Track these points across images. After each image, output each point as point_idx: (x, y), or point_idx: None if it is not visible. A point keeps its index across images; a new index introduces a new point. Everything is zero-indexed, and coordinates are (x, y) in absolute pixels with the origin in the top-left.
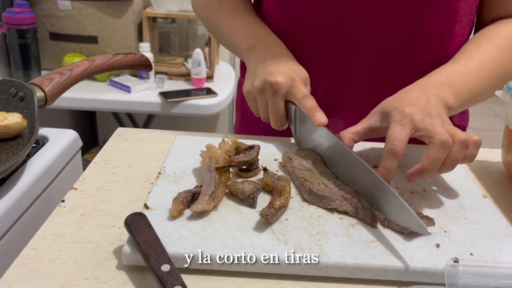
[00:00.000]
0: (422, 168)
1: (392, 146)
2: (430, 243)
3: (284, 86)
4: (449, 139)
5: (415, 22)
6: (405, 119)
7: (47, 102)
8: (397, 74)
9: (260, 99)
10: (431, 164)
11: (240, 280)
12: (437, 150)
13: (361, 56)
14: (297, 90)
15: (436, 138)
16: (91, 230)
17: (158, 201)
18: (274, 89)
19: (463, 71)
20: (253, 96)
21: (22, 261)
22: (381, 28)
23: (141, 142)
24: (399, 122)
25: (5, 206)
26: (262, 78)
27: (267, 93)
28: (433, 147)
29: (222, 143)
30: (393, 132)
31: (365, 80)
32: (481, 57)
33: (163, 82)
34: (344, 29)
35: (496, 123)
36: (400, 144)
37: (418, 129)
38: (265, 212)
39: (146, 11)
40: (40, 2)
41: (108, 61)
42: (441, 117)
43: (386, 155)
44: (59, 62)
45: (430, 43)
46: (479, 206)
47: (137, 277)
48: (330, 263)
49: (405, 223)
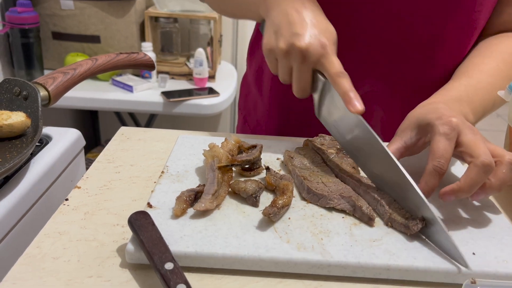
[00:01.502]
0: (458, 188)
1: (439, 164)
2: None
3: (315, 55)
4: (492, 162)
5: (432, 34)
6: (453, 131)
7: (50, 101)
8: (410, 85)
9: (284, 63)
10: (468, 186)
11: (242, 278)
12: (477, 172)
13: (374, 66)
14: (329, 62)
15: (479, 159)
16: (94, 228)
17: (161, 199)
18: (303, 56)
19: (478, 87)
20: (275, 56)
21: (26, 259)
22: (397, 38)
23: (144, 141)
24: (446, 135)
25: (9, 204)
26: (288, 39)
27: (293, 58)
28: (474, 168)
29: (224, 142)
30: (439, 147)
31: (377, 89)
32: (491, 72)
33: (165, 82)
34: (358, 38)
35: (498, 124)
36: (446, 162)
37: (461, 143)
38: (268, 211)
39: (149, 11)
40: (42, 1)
41: (111, 61)
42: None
43: (432, 172)
44: (61, 61)
45: (445, 55)
46: (482, 205)
47: (140, 275)
48: (332, 262)
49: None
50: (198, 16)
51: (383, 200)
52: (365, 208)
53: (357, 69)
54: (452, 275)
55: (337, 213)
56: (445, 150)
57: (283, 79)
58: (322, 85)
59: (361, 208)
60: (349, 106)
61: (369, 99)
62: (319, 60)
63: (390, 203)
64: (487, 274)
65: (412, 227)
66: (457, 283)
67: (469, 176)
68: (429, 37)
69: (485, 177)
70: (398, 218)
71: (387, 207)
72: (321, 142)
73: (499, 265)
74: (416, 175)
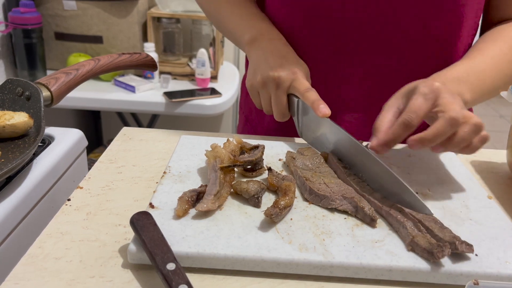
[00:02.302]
0: (424, 136)
1: (409, 117)
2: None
3: (287, 80)
4: (459, 117)
5: (421, 28)
6: (432, 93)
7: (53, 102)
8: (402, 79)
9: (263, 93)
10: (433, 135)
11: (244, 279)
12: (443, 124)
13: (366, 60)
14: (299, 83)
15: (447, 113)
16: (97, 228)
17: (163, 200)
18: (277, 83)
19: (478, 68)
20: (256, 90)
21: (29, 259)
22: (387, 33)
23: (146, 141)
24: (424, 95)
25: (12, 204)
26: (264, 73)
27: (269, 87)
28: (441, 120)
29: (227, 142)
30: (415, 103)
31: (369, 84)
32: (494, 56)
33: (167, 82)
34: (348, 33)
35: (501, 124)
36: (417, 118)
37: (438, 104)
38: (270, 212)
39: (151, 11)
40: (45, 2)
41: (113, 61)
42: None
43: (400, 124)
44: (64, 61)
45: (436, 49)
46: (484, 207)
47: (142, 276)
48: (334, 263)
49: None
50: (200, 16)
51: (406, 223)
52: (367, 209)
53: (352, 67)
54: (454, 276)
55: (339, 214)
56: (419, 107)
57: (266, 109)
58: (297, 105)
59: (363, 209)
60: (317, 112)
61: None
62: (291, 84)
63: (413, 227)
64: (490, 275)
65: (437, 254)
66: (460, 284)
67: (436, 127)
68: (418, 32)
69: (450, 130)
70: (422, 242)
71: (410, 230)
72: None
73: (501, 266)
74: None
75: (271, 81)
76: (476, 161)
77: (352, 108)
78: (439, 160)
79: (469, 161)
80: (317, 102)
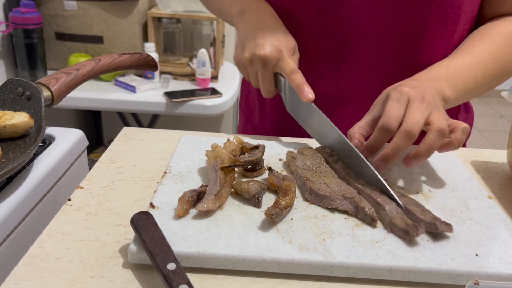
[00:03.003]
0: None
1: (387, 121)
2: (435, 244)
3: (273, 59)
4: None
5: (419, 19)
6: (403, 96)
7: (53, 102)
8: (399, 74)
9: (250, 70)
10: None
11: (245, 279)
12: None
13: (362, 54)
14: (284, 63)
15: (403, 127)
16: (97, 228)
17: (163, 200)
18: (263, 62)
19: (460, 66)
20: (243, 65)
21: (29, 259)
22: (383, 27)
23: (147, 141)
24: (397, 99)
25: (12, 204)
26: (251, 50)
27: (256, 65)
28: (398, 134)
29: (227, 142)
30: (390, 108)
31: (366, 79)
32: (477, 54)
33: (168, 82)
34: (344, 24)
35: (501, 124)
36: (395, 121)
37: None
38: (270, 212)
39: (151, 11)
40: (46, 2)
41: (114, 61)
42: (434, 102)
43: (379, 129)
44: (64, 62)
45: (433, 43)
46: (484, 207)
47: (142, 276)
48: (335, 263)
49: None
50: (201, 16)
51: (385, 205)
52: (367, 209)
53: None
54: (455, 276)
55: (339, 214)
56: (394, 110)
57: (254, 83)
58: (283, 84)
59: (363, 209)
60: (301, 96)
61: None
62: (277, 64)
63: (392, 209)
64: (490, 276)
65: (412, 233)
66: (460, 284)
67: (392, 141)
68: (414, 27)
69: (407, 142)
70: (399, 223)
71: (389, 212)
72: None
73: (502, 266)
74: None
75: (258, 60)
76: (476, 161)
77: (351, 103)
78: (439, 160)
79: (469, 161)
80: (301, 86)
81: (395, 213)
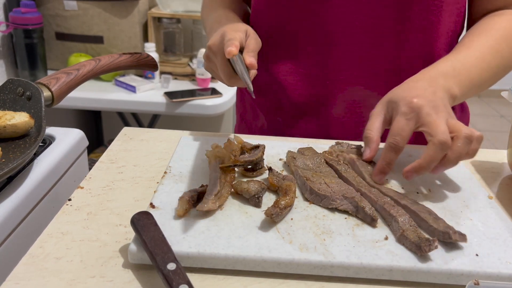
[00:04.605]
0: (418, 165)
1: (394, 141)
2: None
3: (217, 44)
4: (448, 139)
5: (400, 13)
6: (412, 113)
7: (54, 102)
8: (384, 68)
9: (209, 65)
10: (427, 162)
11: (245, 279)
12: (435, 150)
13: (347, 50)
14: (225, 39)
15: (436, 138)
16: (97, 228)
17: (164, 200)
18: (213, 51)
19: (464, 61)
20: (207, 65)
21: (29, 259)
22: (367, 20)
23: (147, 141)
24: (405, 115)
25: (13, 204)
26: (206, 47)
27: (211, 58)
28: (432, 146)
29: (227, 142)
30: (398, 126)
31: (352, 75)
32: (481, 48)
33: (168, 82)
34: (329, 21)
35: (501, 124)
36: (402, 140)
37: (422, 123)
38: (270, 212)
39: (152, 11)
40: (46, 2)
41: (114, 61)
42: (446, 109)
43: (388, 149)
44: (65, 62)
45: (416, 35)
46: (485, 207)
47: (143, 276)
48: (335, 262)
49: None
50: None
51: (399, 217)
52: (367, 209)
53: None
54: (455, 276)
55: (339, 213)
56: (402, 129)
57: (218, 78)
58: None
59: (363, 209)
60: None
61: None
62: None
63: (405, 221)
64: (490, 275)
65: (424, 247)
66: (460, 284)
67: (428, 154)
68: (396, 19)
69: (442, 153)
70: (411, 236)
71: (402, 224)
72: (340, 149)
73: (502, 266)
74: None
75: (210, 51)
76: (476, 161)
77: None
78: None
79: (469, 161)
80: (227, 43)
81: (408, 225)
